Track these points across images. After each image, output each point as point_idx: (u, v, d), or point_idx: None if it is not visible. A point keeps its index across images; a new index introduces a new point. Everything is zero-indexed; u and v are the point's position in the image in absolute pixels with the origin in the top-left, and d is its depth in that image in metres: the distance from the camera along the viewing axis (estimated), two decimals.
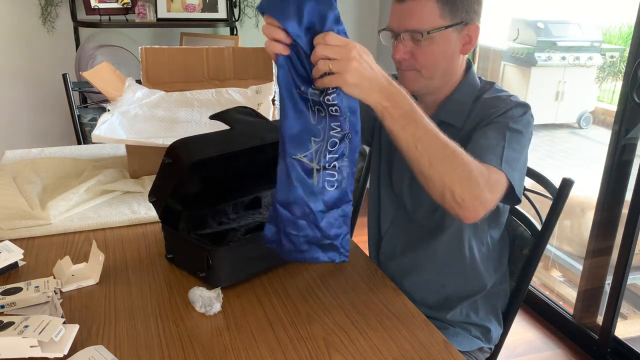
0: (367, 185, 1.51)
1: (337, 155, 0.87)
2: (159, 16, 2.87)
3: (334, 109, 0.84)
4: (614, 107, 1.99)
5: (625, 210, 1.95)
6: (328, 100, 0.83)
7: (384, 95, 0.85)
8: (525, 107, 1.07)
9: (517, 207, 1.30)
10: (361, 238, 1.36)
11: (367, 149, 1.55)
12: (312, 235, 0.89)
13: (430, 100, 1.18)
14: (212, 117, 1.14)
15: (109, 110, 1.50)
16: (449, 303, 1.22)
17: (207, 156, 1.01)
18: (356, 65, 0.81)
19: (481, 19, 1.08)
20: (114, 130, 1.43)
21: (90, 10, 2.83)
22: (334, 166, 0.87)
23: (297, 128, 0.84)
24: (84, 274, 1.06)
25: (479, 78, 1.18)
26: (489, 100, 1.11)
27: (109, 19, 2.86)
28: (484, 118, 1.07)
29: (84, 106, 2.86)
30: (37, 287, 0.97)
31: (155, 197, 1.07)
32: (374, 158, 1.31)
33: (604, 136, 3.67)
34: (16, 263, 1.08)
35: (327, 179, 0.87)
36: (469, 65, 1.18)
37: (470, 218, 0.93)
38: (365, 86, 0.83)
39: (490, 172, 0.96)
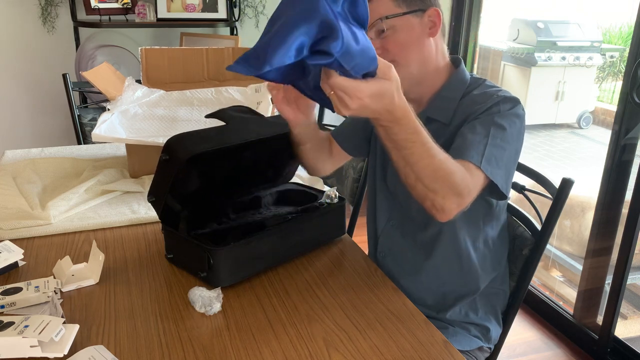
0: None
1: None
2: (159, 16, 2.87)
3: None
4: (614, 107, 1.99)
5: (625, 210, 1.96)
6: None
7: (379, 123, 0.88)
8: (513, 102, 1.07)
9: (517, 207, 1.30)
10: (361, 238, 1.36)
11: None
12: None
13: (418, 97, 1.18)
14: (208, 116, 1.15)
15: (108, 109, 1.50)
16: (447, 302, 1.22)
17: (204, 151, 1.01)
18: (356, 112, 0.82)
19: (439, 3, 1.12)
20: (113, 129, 1.43)
21: (90, 10, 2.83)
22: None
23: None
24: (84, 274, 1.06)
25: (471, 75, 1.19)
26: (477, 96, 1.12)
27: (109, 19, 2.86)
28: (471, 114, 1.08)
29: (84, 106, 2.87)
30: (37, 287, 0.97)
31: (154, 196, 1.07)
32: (370, 158, 1.31)
33: (604, 136, 3.67)
34: (16, 263, 1.08)
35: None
36: (458, 62, 1.19)
37: (444, 219, 0.98)
38: (365, 116, 0.86)
39: (472, 174, 0.98)
